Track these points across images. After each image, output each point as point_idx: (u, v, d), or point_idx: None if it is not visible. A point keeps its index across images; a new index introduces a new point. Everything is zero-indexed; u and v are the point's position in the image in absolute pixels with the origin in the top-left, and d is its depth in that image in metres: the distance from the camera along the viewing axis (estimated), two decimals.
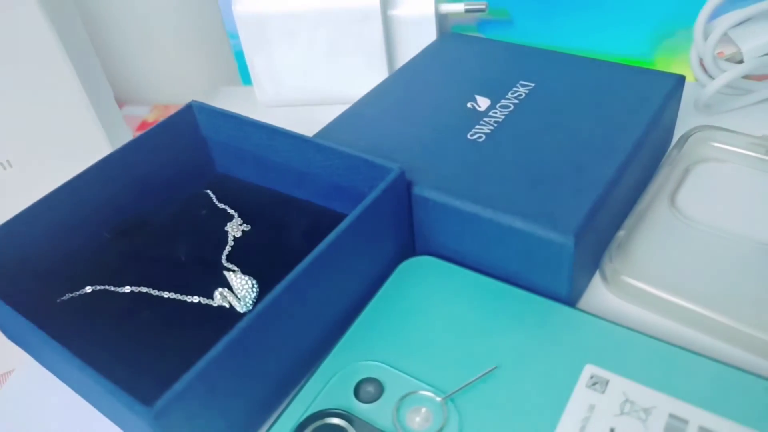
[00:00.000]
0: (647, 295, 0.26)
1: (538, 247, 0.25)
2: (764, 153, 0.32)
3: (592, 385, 0.23)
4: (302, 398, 0.23)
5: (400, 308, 0.26)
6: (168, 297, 0.27)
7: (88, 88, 0.35)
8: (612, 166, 0.27)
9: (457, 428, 0.22)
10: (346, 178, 0.29)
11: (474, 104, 0.32)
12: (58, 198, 0.28)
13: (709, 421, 0.21)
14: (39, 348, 0.24)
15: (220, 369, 0.20)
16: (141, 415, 0.19)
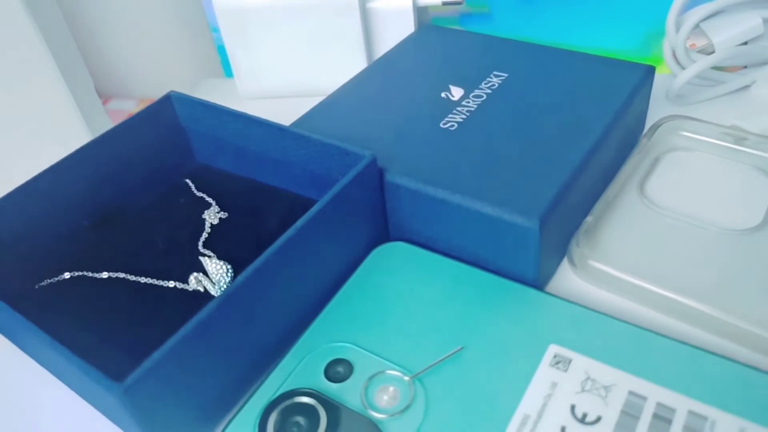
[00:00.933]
0: (613, 279, 0.27)
1: (505, 231, 0.25)
2: (732, 142, 0.33)
3: (555, 364, 0.23)
4: (274, 378, 0.24)
5: (371, 292, 0.27)
6: (144, 282, 0.28)
7: (68, 79, 0.36)
8: (579, 153, 0.27)
9: (424, 406, 0.22)
10: (321, 166, 0.29)
11: (448, 94, 0.32)
12: (37, 186, 0.29)
13: (666, 398, 0.22)
14: (17, 331, 0.25)
15: (190, 348, 0.21)
16: (111, 391, 0.19)
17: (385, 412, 0.22)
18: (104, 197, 0.31)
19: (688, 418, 0.21)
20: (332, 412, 0.22)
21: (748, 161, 0.32)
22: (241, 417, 0.23)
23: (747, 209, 0.29)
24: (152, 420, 0.20)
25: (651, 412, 0.21)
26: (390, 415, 0.22)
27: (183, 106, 0.33)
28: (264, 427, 0.22)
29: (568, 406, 0.22)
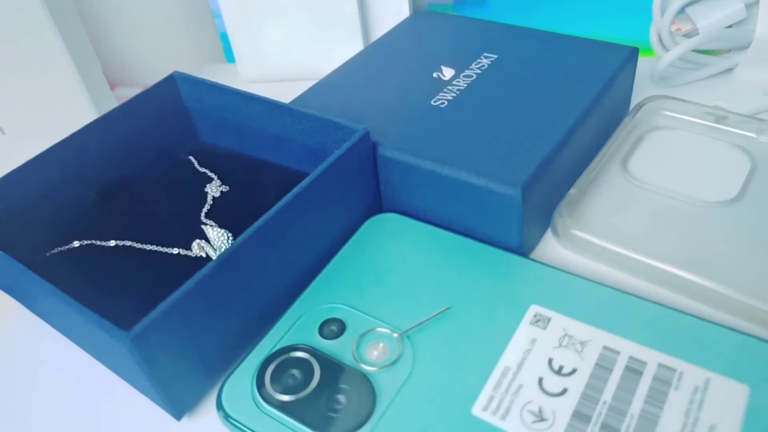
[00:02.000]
0: (594, 246, 0.28)
1: (490, 200, 0.27)
2: (714, 121, 0.34)
3: (535, 322, 0.25)
4: (271, 336, 0.25)
5: (364, 259, 0.28)
6: (150, 249, 0.29)
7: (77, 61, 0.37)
8: (562, 128, 0.29)
9: (412, 360, 0.24)
10: (317, 141, 0.31)
11: (439, 74, 0.34)
12: (47, 159, 0.30)
13: (638, 352, 0.23)
14: (30, 292, 0.26)
15: (193, 301, 0.22)
16: (119, 339, 0.21)
17: (375, 366, 0.24)
18: (110, 172, 0.33)
19: (658, 370, 0.22)
20: (326, 366, 0.24)
21: (728, 139, 0.33)
22: (241, 370, 0.24)
23: (724, 183, 0.31)
24: (158, 368, 0.22)
25: (623, 365, 0.23)
26: (379, 368, 0.24)
27: (186, 86, 0.35)
28: (262, 379, 0.24)
29: (545, 360, 0.23)
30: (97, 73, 0.40)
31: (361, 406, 0.22)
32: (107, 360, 0.26)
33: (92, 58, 0.39)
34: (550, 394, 0.22)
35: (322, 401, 0.23)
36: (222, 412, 0.23)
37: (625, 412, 0.21)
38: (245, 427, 0.23)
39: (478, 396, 0.22)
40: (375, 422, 0.22)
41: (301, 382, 0.23)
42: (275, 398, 0.23)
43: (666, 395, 0.22)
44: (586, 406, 0.22)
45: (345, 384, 0.23)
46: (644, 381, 0.22)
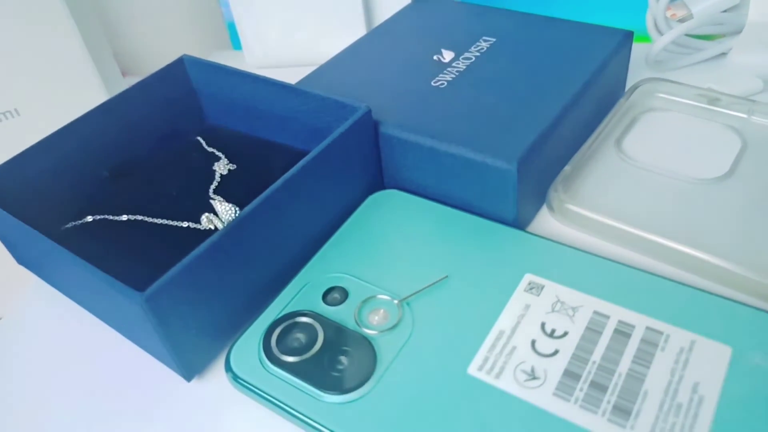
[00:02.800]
0: (588, 220, 0.29)
1: (487, 175, 0.28)
2: (706, 103, 0.35)
3: (529, 290, 0.26)
4: (277, 303, 0.27)
5: (366, 232, 0.29)
6: (160, 223, 0.30)
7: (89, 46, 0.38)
8: (557, 107, 0.30)
9: (411, 324, 0.25)
10: (322, 120, 0.32)
11: (440, 57, 0.35)
12: (60, 138, 0.31)
13: (627, 316, 0.24)
14: (48, 262, 0.28)
15: (203, 266, 0.23)
16: (133, 300, 0.22)
17: (375, 329, 0.25)
18: (121, 152, 0.34)
19: (646, 333, 0.24)
20: (329, 330, 0.25)
21: (721, 120, 0.34)
22: (248, 334, 0.25)
23: (715, 161, 0.32)
24: (170, 329, 0.23)
25: (613, 328, 0.24)
26: (380, 331, 0.25)
27: (195, 69, 0.36)
28: (268, 342, 0.25)
29: (538, 324, 0.24)
30: (108, 58, 0.41)
31: (362, 367, 0.24)
32: (121, 325, 0.27)
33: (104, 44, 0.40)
34: (543, 354, 0.23)
35: (326, 362, 0.24)
36: (231, 373, 0.24)
37: (613, 371, 0.22)
38: (253, 387, 0.24)
39: (474, 357, 0.24)
40: (376, 381, 0.23)
41: (306, 345, 0.25)
42: (281, 359, 0.24)
43: (653, 356, 0.23)
44: (577, 365, 0.23)
45: (347, 346, 0.24)
46: (632, 343, 0.23)
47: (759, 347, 0.23)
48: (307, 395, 0.23)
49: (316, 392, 0.23)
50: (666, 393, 0.22)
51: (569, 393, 0.22)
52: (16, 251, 0.31)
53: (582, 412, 0.22)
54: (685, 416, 0.21)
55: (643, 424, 0.21)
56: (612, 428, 0.21)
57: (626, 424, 0.21)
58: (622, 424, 0.21)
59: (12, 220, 0.26)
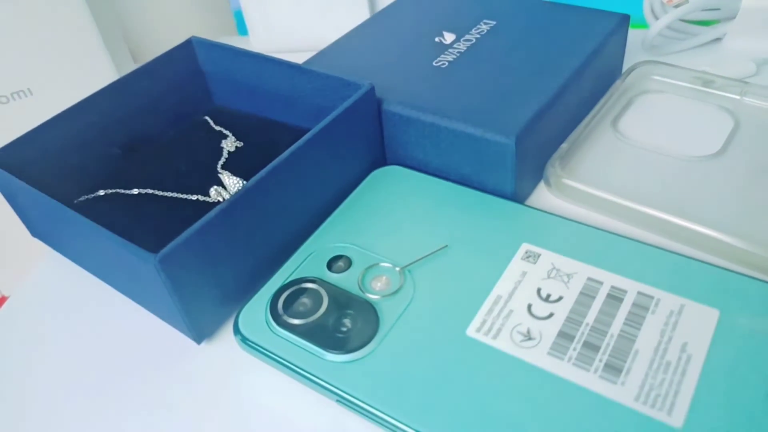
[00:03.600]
0: (584, 194, 0.30)
1: (486, 149, 0.29)
2: (701, 84, 0.36)
3: (526, 258, 0.27)
4: (283, 270, 0.28)
5: (369, 205, 0.30)
6: (170, 196, 0.31)
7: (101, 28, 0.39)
8: (554, 86, 0.31)
9: (412, 290, 0.26)
10: (327, 99, 0.33)
11: (441, 39, 0.36)
12: (72, 115, 0.32)
13: (619, 282, 0.25)
14: (62, 230, 0.29)
15: (214, 231, 0.24)
16: (147, 261, 0.23)
17: (378, 294, 0.26)
18: (131, 130, 0.35)
19: (637, 297, 0.25)
20: (333, 295, 0.26)
21: (714, 101, 0.35)
22: (256, 299, 0.26)
23: (708, 140, 0.33)
24: (181, 290, 0.24)
25: (605, 293, 0.25)
26: (382, 296, 0.26)
27: (203, 50, 0.37)
28: (275, 307, 0.26)
29: (534, 289, 0.25)
30: (119, 41, 0.42)
31: (365, 329, 0.25)
32: (133, 290, 0.28)
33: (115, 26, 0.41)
34: (538, 317, 0.24)
35: (330, 324, 0.25)
36: (239, 335, 0.25)
37: (605, 332, 0.24)
38: (260, 348, 0.25)
39: (473, 320, 0.25)
40: (378, 342, 0.24)
41: (311, 309, 0.26)
42: (288, 322, 0.25)
43: (643, 318, 0.24)
44: (570, 327, 0.24)
45: (351, 310, 0.25)
46: (624, 306, 0.24)
47: (745, 310, 0.24)
48: (312, 355, 0.24)
49: (321, 352, 0.24)
50: (656, 352, 0.23)
51: (563, 352, 0.23)
52: (31, 223, 0.32)
53: (575, 369, 0.23)
54: (673, 373, 0.22)
55: (634, 381, 0.22)
56: (604, 384, 0.22)
57: (617, 381, 0.22)
58: (614, 380, 0.22)
59: (30, 190, 0.27)
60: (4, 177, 0.28)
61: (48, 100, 0.40)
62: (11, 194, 0.30)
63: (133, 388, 0.26)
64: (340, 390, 0.23)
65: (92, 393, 0.26)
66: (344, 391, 0.23)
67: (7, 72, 0.38)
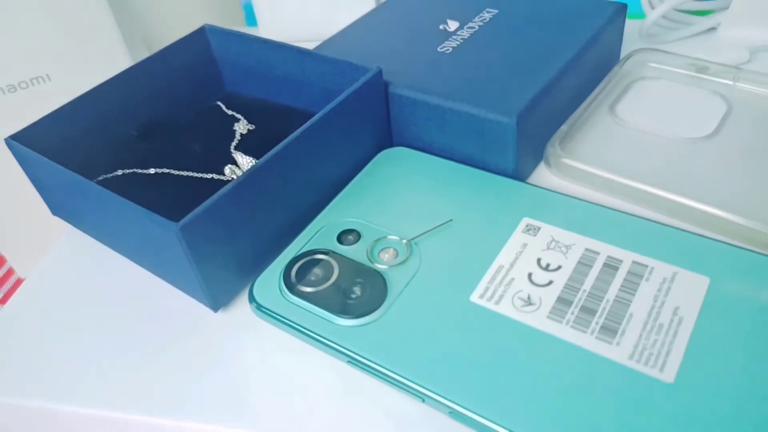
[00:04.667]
0: (581, 172, 0.32)
1: (489, 129, 0.30)
2: (695, 71, 0.37)
3: (526, 231, 0.28)
4: (296, 243, 0.29)
5: (377, 184, 0.32)
6: (186, 175, 0.33)
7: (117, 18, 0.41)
8: (554, 70, 0.32)
9: (419, 261, 0.27)
10: (335, 83, 0.34)
11: (445, 26, 0.37)
12: (90, 99, 0.34)
13: (615, 252, 0.27)
14: (83, 206, 0.30)
15: (231, 203, 0.26)
16: (169, 229, 0.24)
17: (386, 264, 0.27)
18: (146, 114, 0.36)
19: (632, 266, 0.26)
20: (343, 265, 0.27)
21: (708, 87, 0.37)
22: (270, 270, 0.28)
23: (702, 123, 0.34)
24: (201, 258, 0.25)
25: (602, 262, 0.26)
26: (390, 266, 0.27)
27: (215, 37, 0.38)
28: (288, 276, 0.27)
29: (534, 259, 0.27)
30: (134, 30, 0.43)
31: (374, 295, 0.26)
32: (153, 262, 0.29)
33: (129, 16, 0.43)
34: (538, 285, 0.26)
35: (341, 292, 0.26)
36: (254, 303, 0.27)
37: (601, 298, 0.25)
38: (275, 314, 0.26)
39: (476, 287, 0.26)
40: (386, 307, 0.26)
41: (322, 278, 0.27)
42: (300, 290, 0.27)
43: (638, 285, 0.25)
44: (569, 293, 0.25)
45: (360, 278, 0.27)
46: (620, 274, 0.26)
47: (734, 277, 0.25)
48: (323, 320, 0.26)
49: (332, 317, 0.25)
50: (649, 315, 0.24)
51: (561, 316, 0.24)
52: (52, 201, 0.33)
53: (573, 331, 0.24)
54: (665, 334, 0.23)
55: (628, 341, 0.23)
56: (600, 344, 0.23)
57: (612, 341, 0.23)
58: (609, 341, 0.23)
59: (55, 166, 0.28)
60: (29, 155, 0.30)
61: (65, 85, 0.41)
62: (35, 172, 0.32)
63: (151, 353, 0.27)
64: (351, 352, 0.24)
65: (113, 359, 0.27)
66: (355, 353, 0.24)
67: (27, 59, 0.40)
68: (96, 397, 0.26)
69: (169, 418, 0.25)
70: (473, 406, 0.22)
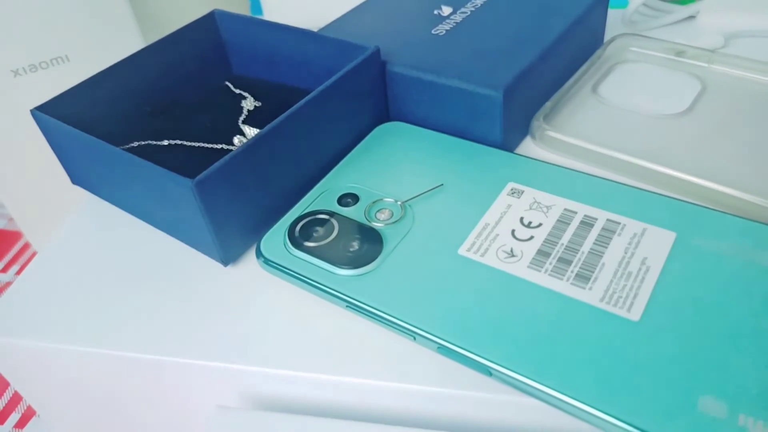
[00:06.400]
0: (564, 143, 0.34)
1: (477, 102, 0.33)
2: (674, 54, 0.40)
3: (511, 194, 0.31)
4: (299, 205, 0.31)
5: (374, 155, 0.34)
6: (198, 146, 0.35)
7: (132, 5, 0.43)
8: (538, 50, 0.35)
9: (412, 220, 0.30)
10: (337, 62, 0.36)
11: (439, 11, 0.40)
12: (107, 76, 0.36)
13: (591, 212, 0.29)
14: (104, 170, 0.33)
15: (241, 164, 0.28)
16: (184, 185, 0.27)
17: (382, 223, 0.30)
18: (158, 93, 0.39)
19: (606, 223, 0.28)
20: (343, 223, 0.30)
21: (686, 69, 0.39)
22: (275, 228, 0.30)
23: (678, 101, 0.37)
24: (214, 213, 0.28)
25: (579, 220, 0.29)
26: (386, 224, 0.30)
27: (225, 21, 0.41)
28: (293, 233, 0.30)
29: (518, 218, 0.29)
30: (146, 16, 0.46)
31: (370, 250, 0.29)
32: (166, 220, 0.32)
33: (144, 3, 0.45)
34: (520, 239, 0.28)
35: (340, 246, 0.29)
36: (261, 258, 0.29)
37: (577, 250, 0.27)
38: (280, 266, 0.29)
39: (464, 242, 0.28)
40: (382, 259, 0.28)
41: (323, 235, 0.30)
42: (304, 245, 0.29)
43: (610, 239, 0.28)
44: (548, 246, 0.28)
45: (358, 235, 0.29)
46: (594, 230, 0.28)
47: (698, 233, 0.27)
48: (324, 270, 0.28)
49: (332, 268, 0.28)
50: (620, 264, 0.27)
51: (540, 266, 0.27)
52: (73, 169, 0.35)
53: (550, 279, 0.26)
54: (633, 280, 0.26)
55: (600, 286, 0.26)
56: (574, 289, 0.26)
57: (586, 287, 0.26)
58: (582, 286, 0.26)
59: (78, 133, 0.31)
60: (53, 124, 0.32)
61: (83, 65, 0.44)
62: (58, 142, 0.34)
63: (165, 304, 0.30)
64: (349, 297, 0.27)
65: (131, 308, 0.30)
66: (353, 298, 0.27)
67: (48, 41, 0.42)
68: (113, 339, 0.28)
69: (184, 357, 0.27)
70: (459, 341, 0.25)
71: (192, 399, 0.29)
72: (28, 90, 0.42)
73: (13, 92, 0.42)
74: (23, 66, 0.41)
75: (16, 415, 0.36)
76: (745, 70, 0.38)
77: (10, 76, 0.41)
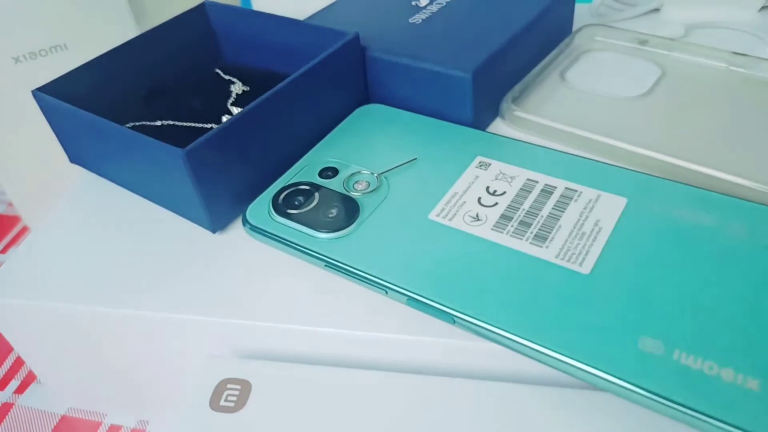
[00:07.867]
0: (532, 123, 0.37)
1: (449, 84, 0.35)
2: (637, 43, 0.43)
3: (478, 166, 0.33)
4: (283, 178, 0.34)
5: (354, 133, 0.37)
6: (189, 126, 0.38)
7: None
8: (507, 35, 0.37)
9: (387, 189, 0.32)
10: (320, 49, 0.39)
11: (417, 2, 0.42)
12: (102, 62, 0.38)
13: (551, 181, 0.32)
14: (101, 145, 0.35)
15: (228, 137, 0.31)
16: (175, 155, 0.29)
17: (359, 192, 0.32)
18: (153, 78, 0.41)
19: (564, 191, 0.31)
20: (323, 193, 0.32)
21: (648, 57, 0.42)
22: (260, 198, 0.33)
23: (639, 85, 0.39)
24: (203, 182, 0.30)
25: (540, 189, 0.31)
26: (362, 193, 0.32)
27: (214, 12, 0.43)
28: (276, 202, 0.32)
29: (484, 188, 0.32)
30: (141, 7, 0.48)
31: (348, 215, 0.31)
32: (158, 191, 0.34)
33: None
34: (485, 206, 0.31)
35: (320, 213, 0.31)
36: (247, 225, 0.32)
37: (537, 215, 0.30)
38: (264, 232, 0.31)
39: (434, 208, 0.31)
40: (358, 224, 0.30)
41: (304, 203, 0.32)
42: (286, 212, 0.31)
43: (567, 205, 0.30)
44: (510, 212, 0.30)
45: (336, 203, 0.32)
46: (553, 197, 0.31)
47: (647, 198, 0.30)
48: (305, 234, 0.30)
49: (313, 232, 0.30)
50: (575, 226, 0.29)
51: (503, 228, 0.29)
52: (71, 148, 0.38)
53: (512, 239, 0.29)
54: (587, 239, 0.28)
55: (556, 245, 0.28)
56: (533, 248, 0.28)
57: (543, 245, 0.28)
58: (540, 245, 0.28)
59: (75, 110, 0.33)
60: (53, 103, 0.35)
61: (80, 53, 0.46)
62: (58, 122, 0.36)
63: (157, 269, 0.32)
64: (327, 257, 0.29)
65: (124, 270, 0.32)
66: (331, 258, 0.29)
67: (47, 29, 0.45)
68: (110, 298, 0.30)
69: (174, 312, 0.30)
70: (426, 293, 0.27)
71: (184, 353, 0.31)
72: (28, 76, 0.45)
73: (14, 78, 0.44)
74: (23, 53, 0.43)
75: (15, 383, 0.38)
76: (703, 57, 0.41)
77: (11, 62, 0.44)
